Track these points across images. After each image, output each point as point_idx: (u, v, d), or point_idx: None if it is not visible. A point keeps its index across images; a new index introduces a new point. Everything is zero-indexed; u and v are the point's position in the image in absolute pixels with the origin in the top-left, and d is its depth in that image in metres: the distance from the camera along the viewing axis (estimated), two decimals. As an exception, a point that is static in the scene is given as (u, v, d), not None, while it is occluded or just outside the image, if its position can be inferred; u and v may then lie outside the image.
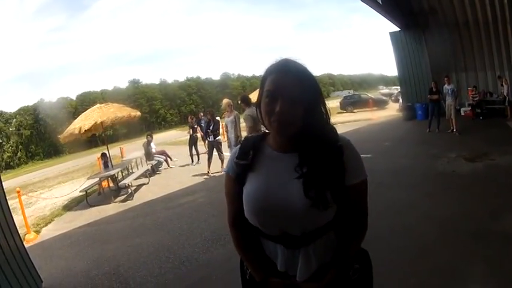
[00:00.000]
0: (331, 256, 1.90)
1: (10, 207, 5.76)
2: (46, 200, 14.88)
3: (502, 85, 17.48)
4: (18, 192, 10.42)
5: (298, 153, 1.81)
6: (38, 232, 9.98)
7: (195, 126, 18.04)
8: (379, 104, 32.75)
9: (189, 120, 18.95)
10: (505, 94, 16.99)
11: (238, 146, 2.08)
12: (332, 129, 1.87)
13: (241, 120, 11.79)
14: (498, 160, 9.75)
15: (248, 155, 1.95)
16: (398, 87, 30.20)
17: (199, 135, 17.89)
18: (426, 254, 4.73)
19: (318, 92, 1.83)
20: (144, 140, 18.21)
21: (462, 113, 18.95)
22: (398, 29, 21.09)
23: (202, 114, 18.89)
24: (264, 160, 1.93)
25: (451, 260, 4.80)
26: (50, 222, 11.01)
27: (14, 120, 62.71)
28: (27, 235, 9.35)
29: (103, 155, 14.32)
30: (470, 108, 18.86)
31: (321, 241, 1.85)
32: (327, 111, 1.88)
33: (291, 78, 1.74)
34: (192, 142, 17.65)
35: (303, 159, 1.79)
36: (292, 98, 1.70)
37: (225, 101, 12.89)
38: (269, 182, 1.85)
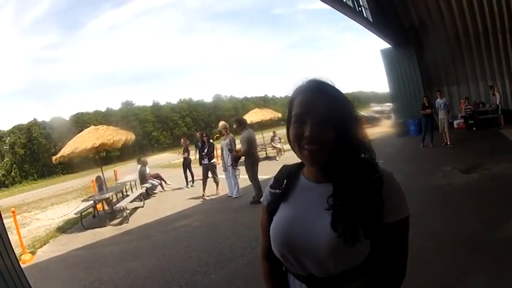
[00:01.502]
0: None
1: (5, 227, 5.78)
2: (41, 221, 14.82)
3: (493, 94, 17.92)
4: (14, 212, 10.44)
5: (332, 183, 1.64)
6: (33, 253, 9.92)
7: (189, 149, 18.03)
8: (372, 121, 32.52)
9: (182, 142, 18.92)
10: (497, 103, 17.39)
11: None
12: (370, 158, 1.70)
13: (237, 142, 11.89)
14: (493, 169, 9.94)
15: (281, 184, 1.83)
16: (391, 104, 30.40)
17: (192, 157, 17.85)
18: (424, 266, 4.72)
19: (350, 113, 1.68)
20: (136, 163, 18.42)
21: (455, 126, 19.36)
22: (389, 46, 21.34)
23: (199, 134, 18.93)
24: (296, 190, 1.80)
25: (449, 271, 4.88)
26: (45, 244, 10.95)
27: (8, 138, 62.32)
28: (22, 256, 9.30)
29: (98, 178, 14.31)
30: (463, 121, 19.32)
31: (349, 287, 1.63)
32: (363, 136, 1.72)
33: (319, 98, 1.63)
34: (186, 165, 17.65)
35: (336, 190, 1.61)
36: (322, 120, 1.57)
37: (221, 123, 12.90)
38: (295, 214, 1.71)
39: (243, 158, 11.58)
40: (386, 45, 21.31)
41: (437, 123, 15.67)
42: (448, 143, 15.14)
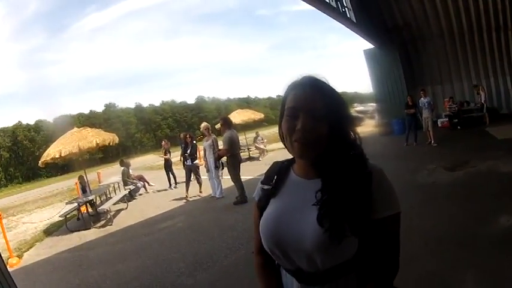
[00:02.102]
0: None
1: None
2: (26, 224, 14.79)
3: (478, 93, 17.95)
4: (-1, 215, 10.49)
5: (321, 179, 1.65)
6: (20, 257, 9.96)
7: (170, 151, 18.05)
8: (356, 128, 32.14)
9: (163, 144, 18.90)
10: (482, 102, 17.44)
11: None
12: (361, 154, 1.71)
13: (220, 143, 11.99)
14: (479, 166, 10.02)
15: (272, 180, 1.84)
16: (374, 104, 30.41)
17: (177, 159, 17.57)
18: (412, 263, 4.70)
19: (344, 109, 1.70)
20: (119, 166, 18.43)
21: (439, 124, 19.31)
22: (372, 46, 21.26)
23: (183, 135, 18.87)
24: (286, 186, 1.80)
25: (437, 267, 4.94)
26: (31, 247, 10.96)
27: (-6, 142, 61.51)
28: (10, 259, 9.33)
29: (80, 178, 14.32)
30: (447, 119, 19.22)
31: (338, 283, 1.64)
32: (355, 132, 1.75)
33: (313, 93, 1.62)
34: (167, 166, 17.69)
35: (325, 186, 1.62)
36: (315, 114, 1.57)
37: (203, 124, 12.93)
38: (283, 209, 1.72)
39: (225, 158, 11.63)
40: (369, 45, 21.23)
41: (421, 122, 15.80)
42: (432, 142, 15.24)
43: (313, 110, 1.58)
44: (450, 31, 19.12)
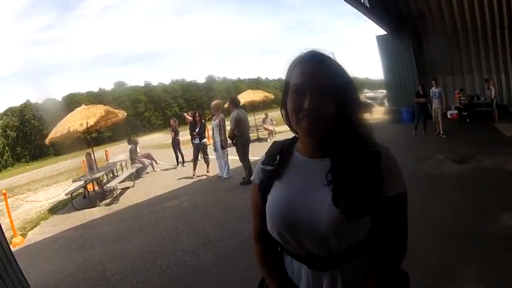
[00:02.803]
0: (363, 283, 1.62)
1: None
2: (32, 203, 14.84)
3: (488, 88, 17.65)
4: (5, 194, 10.39)
5: (329, 158, 1.60)
6: (24, 236, 9.92)
7: (178, 129, 18.04)
8: (364, 107, 32.00)
9: (172, 123, 18.90)
10: (492, 97, 17.15)
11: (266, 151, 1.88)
12: (369, 132, 1.66)
13: (228, 123, 11.87)
14: (486, 162, 9.85)
15: (274, 160, 1.76)
16: (384, 91, 30.23)
17: (181, 138, 17.92)
18: (416, 254, 4.35)
19: (352, 87, 1.61)
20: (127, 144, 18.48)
21: (448, 116, 19.03)
22: (385, 33, 21.03)
23: (191, 114, 18.81)
24: (291, 166, 1.73)
25: (442, 260, 4.87)
26: (36, 226, 10.95)
27: (1, 121, 61.79)
28: (13, 239, 9.30)
29: (87, 156, 14.25)
30: (456, 111, 18.99)
31: (351, 265, 1.60)
32: (362, 108, 1.69)
33: (321, 69, 1.54)
34: (175, 145, 17.72)
35: (335, 165, 1.57)
36: (322, 91, 1.50)
37: (215, 102, 12.78)
38: (293, 191, 1.64)
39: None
40: (382, 31, 21.03)
41: (431, 112, 15.65)
42: (441, 133, 15.08)
43: (320, 87, 1.50)
44: (464, 25, 18.86)
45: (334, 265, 1.58)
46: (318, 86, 1.50)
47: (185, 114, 16.74)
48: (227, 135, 11.76)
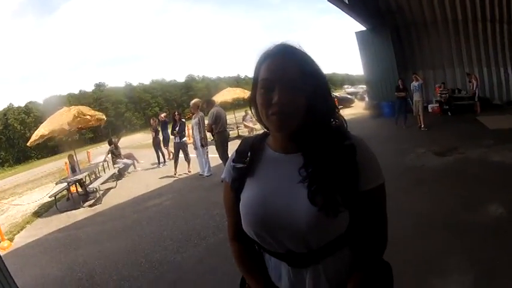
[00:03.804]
0: (347, 276, 1.61)
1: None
2: (17, 207, 14.85)
3: (470, 81, 17.77)
4: (-9, 200, 10.51)
5: (302, 153, 1.58)
6: (11, 240, 10.00)
7: (158, 129, 18.05)
8: (345, 102, 32.30)
9: (152, 122, 18.88)
10: (474, 90, 17.25)
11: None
12: (341, 125, 1.65)
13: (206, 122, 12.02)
14: (468, 153, 9.95)
15: (245, 157, 1.72)
16: (364, 86, 30.29)
17: (161, 137, 17.97)
18: (400, 246, 4.38)
19: (322, 79, 1.59)
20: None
21: (430, 110, 19.07)
22: (364, 29, 21.09)
23: (164, 115, 18.91)
24: (263, 163, 1.69)
25: (426, 250, 4.96)
26: (22, 230, 11.01)
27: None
28: (1, 243, 9.42)
29: (70, 157, 14.33)
30: (437, 105, 19.02)
31: (333, 259, 1.59)
32: (334, 103, 1.66)
33: (289, 62, 1.51)
34: (155, 144, 17.73)
35: (308, 160, 1.55)
36: (292, 85, 1.47)
37: (194, 100, 12.79)
38: (267, 189, 1.61)
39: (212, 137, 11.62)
40: (362, 27, 21.08)
41: (411, 106, 15.68)
42: (422, 126, 15.09)
43: (289, 81, 1.48)
44: (444, 19, 18.81)
45: (315, 261, 1.57)
46: (286, 79, 1.48)
47: (160, 115, 17.06)
48: (206, 129, 11.83)
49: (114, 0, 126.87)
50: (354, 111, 25.94)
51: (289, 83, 1.47)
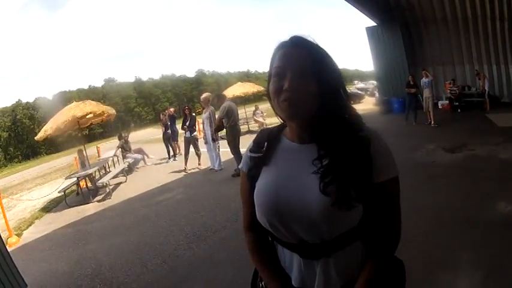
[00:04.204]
0: (358, 271, 1.59)
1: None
2: (26, 203, 14.80)
3: (479, 79, 17.80)
4: (-1, 195, 10.43)
5: (316, 143, 1.57)
6: (19, 235, 9.91)
7: (168, 123, 18.03)
8: (355, 98, 31.61)
9: (161, 117, 18.94)
10: (485, 88, 17.23)
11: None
12: (356, 116, 1.65)
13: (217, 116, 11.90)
14: (478, 150, 9.85)
15: (262, 147, 1.72)
16: (374, 82, 30.24)
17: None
18: (411, 242, 4.63)
19: (334, 69, 1.59)
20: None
21: (440, 106, 19.03)
22: (374, 24, 21.02)
23: (172, 110, 18.89)
24: (278, 153, 1.70)
25: (436, 247, 4.90)
26: (30, 225, 10.95)
27: (-7, 123, 61.47)
28: (9, 239, 9.31)
29: (79, 152, 14.24)
30: (447, 102, 18.96)
31: (344, 252, 1.56)
32: (347, 93, 1.64)
33: (299, 50, 1.53)
34: (165, 139, 17.74)
35: (322, 151, 1.54)
36: (301, 71, 1.48)
37: (205, 94, 12.80)
38: (281, 177, 1.61)
39: (225, 131, 11.55)
40: (372, 22, 21.02)
41: (422, 102, 15.68)
42: (432, 122, 15.05)
43: (300, 68, 1.48)
44: (454, 16, 18.65)
45: (326, 253, 1.55)
46: (298, 66, 1.49)
47: (169, 109, 17.05)
48: (217, 123, 11.67)
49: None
50: (364, 107, 25.88)
51: (300, 70, 1.48)
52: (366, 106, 26.28)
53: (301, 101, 1.48)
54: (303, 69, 1.48)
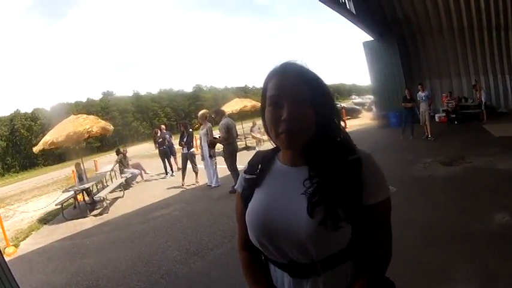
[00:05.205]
0: None
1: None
2: (23, 214, 14.81)
3: (477, 90, 17.92)
4: (-4, 205, 10.48)
5: (308, 166, 1.59)
6: (16, 246, 9.95)
7: (164, 139, 18.03)
8: (352, 113, 32.45)
9: (154, 134, 19.06)
10: (482, 99, 17.39)
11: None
12: (348, 139, 1.66)
13: (215, 132, 11.99)
14: (475, 162, 9.96)
15: (256, 169, 1.76)
16: (371, 96, 30.40)
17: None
18: (407, 256, 4.68)
19: (328, 93, 1.63)
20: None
21: (437, 119, 19.18)
22: (372, 39, 21.16)
23: (163, 127, 19.04)
24: (271, 175, 1.72)
25: (433, 260, 4.91)
26: (27, 236, 10.98)
27: (-9, 132, 61.38)
28: (6, 248, 9.33)
29: (77, 166, 14.31)
30: (444, 114, 19.12)
31: (333, 272, 1.57)
32: (339, 115, 1.71)
33: (296, 79, 1.54)
34: (162, 154, 17.74)
35: (313, 173, 1.55)
36: (298, 99, 1.50)
37: (202, 111, 12.80)
38: (271, 199, 1.63)
39: (222, 147, 11.61)
40: (369, 37, 21.12)
41: (418, 116, 15.65)
42: (429, 136, 15.12)
43: (297, 97, 1.50)
44: (450, 27, 18.95)
45: (316, 272, 1.55)
46: (295, 96, 1.50)
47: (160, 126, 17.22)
48: (215, 140, 11.83)
49: (122, 8, 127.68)
50: (361, 122, 26.07)
51: (297, 98, 1.50)
52: (363, 121, 26.42)
53: (300, 131, 1.50)
54: (300, 98, 1.50)
